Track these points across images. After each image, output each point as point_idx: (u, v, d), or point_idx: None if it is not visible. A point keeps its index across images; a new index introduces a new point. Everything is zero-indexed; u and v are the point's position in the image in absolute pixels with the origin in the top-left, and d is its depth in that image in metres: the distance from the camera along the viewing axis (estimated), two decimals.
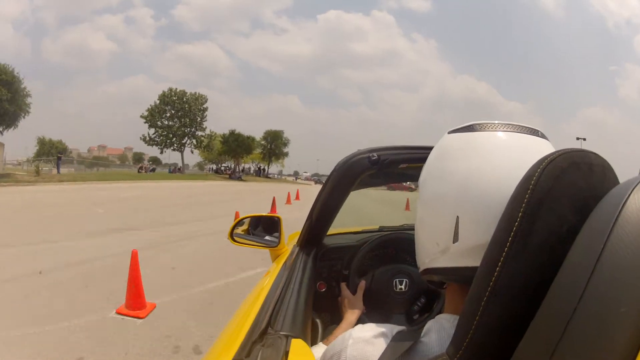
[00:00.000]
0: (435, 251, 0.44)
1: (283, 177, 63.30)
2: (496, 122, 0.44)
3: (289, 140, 47.46)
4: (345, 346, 0.44)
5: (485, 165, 0.41)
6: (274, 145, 46.52)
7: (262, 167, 48.16)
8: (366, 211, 6.49)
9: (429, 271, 0.46)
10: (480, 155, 0.42)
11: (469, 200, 0.40)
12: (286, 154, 47.87)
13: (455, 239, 0.41)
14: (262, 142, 46.27)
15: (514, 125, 0.44)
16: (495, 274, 0.34)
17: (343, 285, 1.08)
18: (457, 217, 0.41)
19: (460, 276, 0.42)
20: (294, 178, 67.03)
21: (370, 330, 0.45)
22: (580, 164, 0.36)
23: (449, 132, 0.47)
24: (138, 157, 69.72)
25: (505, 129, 0.43)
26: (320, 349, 0.71)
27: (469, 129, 0.45)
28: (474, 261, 0.38)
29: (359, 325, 0.48)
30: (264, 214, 1.48)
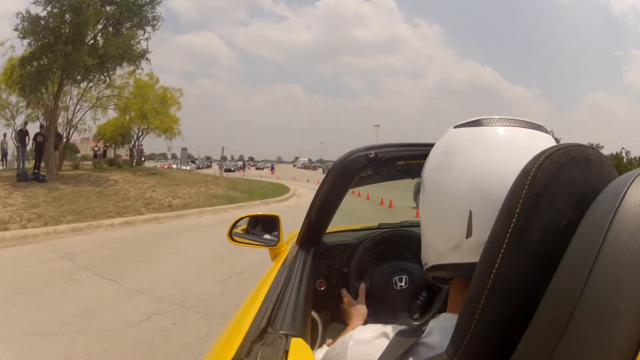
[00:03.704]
0: (445, 247, 0.43)
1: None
2: (502, 117, 0.44)
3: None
4: (346, 348, 0.44)
5: (493, 160, 0.41)
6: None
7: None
8: None
9: (436, 268, 0.45)
10: (489, 150, 0.42)
11: (482, 195, 0.40)
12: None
13: (469, 234, 0.40)
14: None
15: (518, 120, 0.44)
16: (494, 271, 0.33)
17: (344, 292, 1.05)
18: (470, 211, 0.40)
19: (471, 272, 0.40)
20: (271, 166, 45.32)
21: (370, 331, 0.45)
22: (579, 159, 0.36)
23: (455, 127, 0.46)
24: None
25: (509, 124, 0.44)
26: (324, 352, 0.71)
27: (476, 123, 0.45)
28: None
29: (359, 327, 0.47)
30: (262, 213, 1.47)
